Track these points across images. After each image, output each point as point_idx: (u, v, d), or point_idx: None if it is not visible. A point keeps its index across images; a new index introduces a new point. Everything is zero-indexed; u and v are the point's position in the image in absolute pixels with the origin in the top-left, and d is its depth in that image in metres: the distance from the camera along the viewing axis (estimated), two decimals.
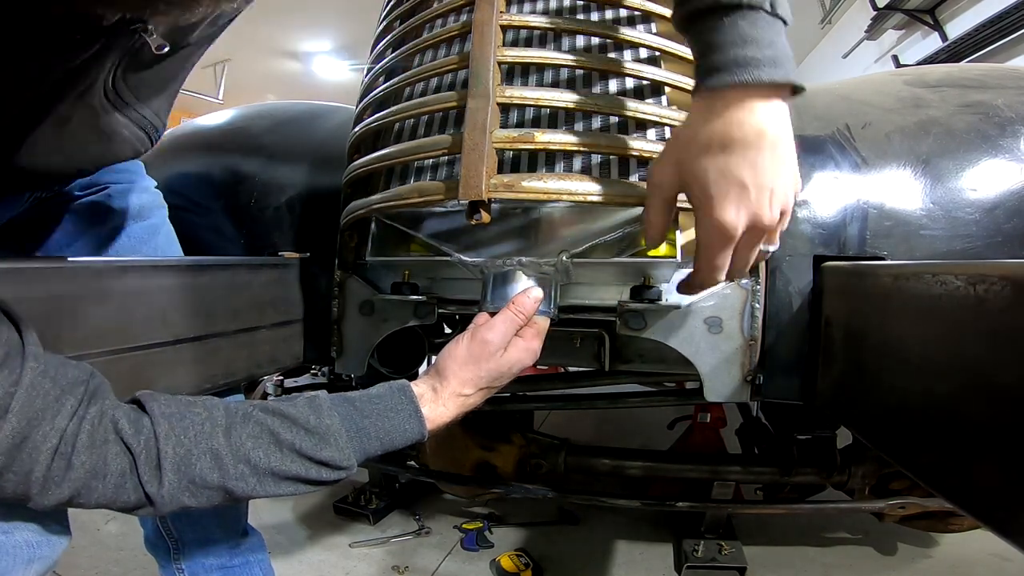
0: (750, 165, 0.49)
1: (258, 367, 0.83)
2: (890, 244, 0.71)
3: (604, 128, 0.66)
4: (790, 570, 1.32)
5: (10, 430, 0.41)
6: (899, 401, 0.49)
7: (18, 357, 0.43)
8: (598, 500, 1.25)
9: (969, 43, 3.22)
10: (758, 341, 0.73)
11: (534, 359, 0.65)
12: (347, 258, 0.88)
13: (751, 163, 0.49)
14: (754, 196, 0.50)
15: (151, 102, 0.65)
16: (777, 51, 0.48)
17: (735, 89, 0.49)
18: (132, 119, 0.65)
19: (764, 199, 0.50)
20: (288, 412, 0.53)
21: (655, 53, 0.68)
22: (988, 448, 0.37)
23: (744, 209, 0.51)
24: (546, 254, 0.69)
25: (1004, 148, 0.73)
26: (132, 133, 0.66)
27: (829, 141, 0.78)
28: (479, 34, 0.64)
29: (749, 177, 0.50)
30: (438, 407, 0.59)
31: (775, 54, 0.48)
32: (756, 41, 0.48)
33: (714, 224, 0.52)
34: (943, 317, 0.43)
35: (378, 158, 0.72)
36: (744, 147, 0.49)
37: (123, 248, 0.78)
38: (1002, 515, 0.36)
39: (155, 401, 0.50)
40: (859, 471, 1.17)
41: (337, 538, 1.45)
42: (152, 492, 0.47)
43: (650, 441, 1.86)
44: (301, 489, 0.54)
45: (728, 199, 0.51)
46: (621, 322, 0.75)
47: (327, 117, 1.12)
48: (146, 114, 0.66)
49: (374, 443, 0.56)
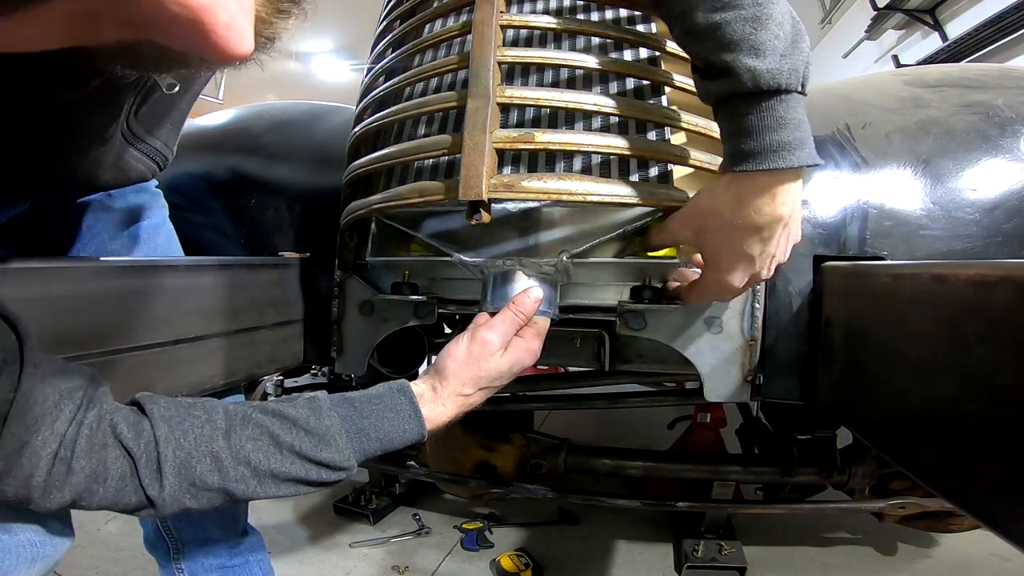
0: (762, 242, 0.55)
1: (258, 367, 0.83)
2: (890, 244, 0.71)
3: (604, 128, 0.66)
4: (790, 570, 1.32)
5: (10, 436, 0.41)
6: (899, 401, 0.49)
7: (16, 363, 0.43)
8: (598, 500, 1.25)
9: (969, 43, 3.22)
10: (758, 341, 0.73)
11: (534, 359, 0.65)
12: (347, 258, 0.88)
13: (764, 241, 0.55)
14: (759, 265, 0.57)
15: (161, 133, 0.67)
16: (803, 131, 0.50)
17: (764, 175, 0.51)
18: (145, 152, 0.67)
19: (767, 265, 0.57)
20: (288, 413, 0.53)
21: (655, 53, 0.68)
22: (988, 448, 0.37)
23: (749, 274, 0.58)
24: (546, 254, 0.69)
25: (1004, 148, 0.73)
26: (146, 166, 0.69)
27: (829, 141, 0.78)
28: (479, 34, 0.64)
29: (759, 251, 0.55)
30: (438, 407, 0.59)
31: (802, 135, 0.50)
32: (787, 124, 0.50)
33: (719, 282, 0.59)
34: (943, 317, 0.43)
35: (378, 158, 0.72)
36: (762, 229, 0.54)
37: (124, 248, 0.78)
38: (1002, 515, 0.36)
39: (154, 404, 0.50)
40: (859, 471, 1.17)
41: (337, 538, 1.45)
42: (153, 495, 0.48)
43: (650, 441, 1.86)
44: (301, 490, 0.54)
45: (737, 269, 0.57)
46: (621, 322, 0.75)
47: (327, 117, 1.12)
48: (157, 145, 0.68)
49: (374, 443, 0.56)
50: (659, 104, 0.66)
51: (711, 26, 0.50)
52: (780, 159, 0.50)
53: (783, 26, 0.49)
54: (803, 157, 0.50)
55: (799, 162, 0.50)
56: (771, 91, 0.49)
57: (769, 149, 0.50)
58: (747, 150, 0.51)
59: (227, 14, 0.29)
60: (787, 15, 0.50)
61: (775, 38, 0.48)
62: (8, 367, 0.42)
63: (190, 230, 0.91)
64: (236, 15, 0.29)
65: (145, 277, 0.64)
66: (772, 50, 0.48)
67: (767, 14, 0.48)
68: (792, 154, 0.50)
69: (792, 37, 0.49)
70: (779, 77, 0.48)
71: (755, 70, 0.48)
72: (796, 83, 0.49)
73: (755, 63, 0.48)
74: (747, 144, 0.51)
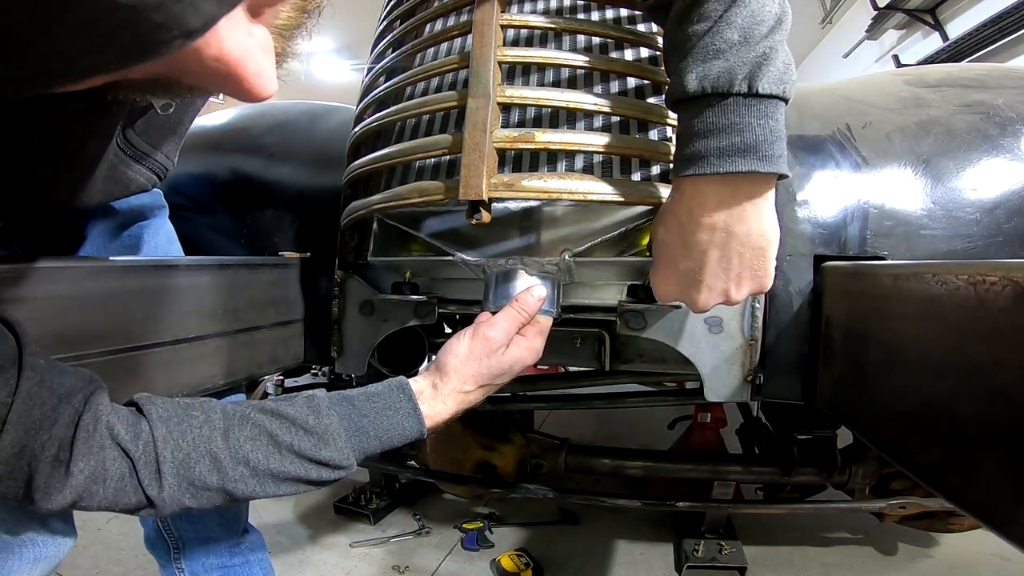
0: (689, 257, 0.53)
1: (258, 367, 0.83)
2: (890, 244, 0.71)
3: (605, 127, 0.66)
4: (790, 570, 1.32)
5: (8, 440, 0.42)
6: (899, 401, 0.49)
7: (14, 367, 0.43)
8: (598, 500, 1.25)
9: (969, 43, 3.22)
10: (758, 341, 0.73)
11: (536, 358, 0.65)
12: (347, 258, 0.88)
13: (691, 255, 0.52)
14: (699, 282, 0.53)
15: (162, 146, 0.67)
16: (746, 138, 0.46)
17: (688, 181, 0.50)
18: (145, 165, 0.67)
19: (715, 298, 0.54)
20: (286, 412, 0.53)
21: (655, 52, 0.68)
22: (988, 448, 0.37)
23: (692, 288, 0.55)
24: (548, 253, 0.69)
25: (1004, 148, 0.73)
26: (146, 177, 0.69)
27: (829, 141, 0.78)
28: (479, 33, 0.64)
29: (688, 265, 0.53)
30: (438, 404, 0.59)
31: (729, 142, 0.46)
32: (723, 130, 0.46)
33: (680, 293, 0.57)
34: (943, 317, 0.43)
35: (378, 158, 0.72)
36: (689, 243, 0.52)
37: (124, 248, 0.78)
38: (1002, 515, 0.36)
39: (152, 404, 0.50)
40: (859, 471, 1.17)
41: (337, 538, 1.45)
42: (153, 495, 0.48)
43: (650, 441, 1.87)
44: (301, 489, 0.54)
45: (672, 280, 0.56)
46: (621, 322, 0.75)
47: (327, 117, 1.12)
48: (158, 158, 0.68)
49: (373, 442, 0.56)
50: (659, 103, 0.66)
51: (682, 36, 0.49)
52: (697, 166, 0.48)
53: (735, 27, 0.46)
54: (719, 164, 0.46)
55: (711, 169, 0.47)
56: (698, 96, 0.47)
57: (694, 156, 0.48)
58: (678, 156, 0.50)
59: (256, 64, 0.31)
60: (751, 15, 0.46)
61: (723, 41, 0.46)
62: (7, 371, 0.42)
63: (190, 230, 0.91)
64: (264, 64, 0.32)
65: (145, 277, 0.65)
66: (712, 52, 0.46)
67: (726, 17, 0.46)
68: (706, 162, 0.47)
69: (743, 36, 0.45)
70: (704, 81, 0.46)
71: (683, 74, 0.47)
72: (724, 86, 0.46)
73: (687, 66, 0.47)
74: (676, 151, 0.51)
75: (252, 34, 0.31)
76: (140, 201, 0.82)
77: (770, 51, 0.46)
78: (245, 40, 0.30)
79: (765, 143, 0.46)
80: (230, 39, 0.29)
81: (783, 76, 0.46)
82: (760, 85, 0.45)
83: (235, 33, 0.29)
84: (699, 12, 0.47)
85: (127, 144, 0.62)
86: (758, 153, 0.46)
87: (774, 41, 0.46)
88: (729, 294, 0.54)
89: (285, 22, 0.36)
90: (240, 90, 0.32)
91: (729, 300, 0.54)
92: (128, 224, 0.80)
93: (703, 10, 0.47)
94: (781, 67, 0.46)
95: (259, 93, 0.32)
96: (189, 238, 0.89)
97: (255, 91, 0.32)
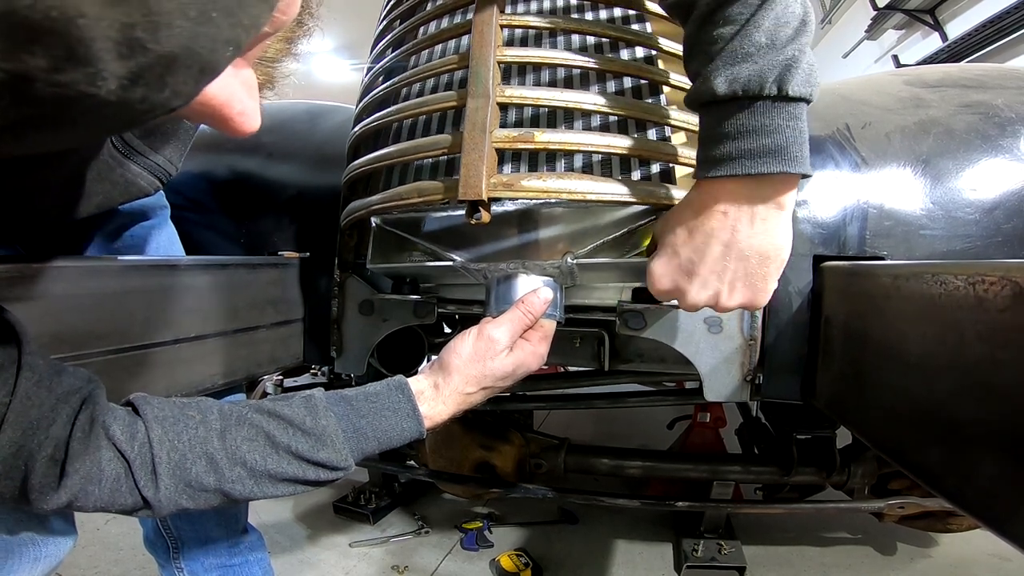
0: (698, 258, 0.53)
1: (258, 367, 0.83)
2: (890, 244, 0.71)
3: (604, 127, 0.66)
4: (790, 570, 1.32)
5: (6, 440, 0.42)
6: (898, 401, 0.49)
7: (12, 367, 0.43)
8: (598, 500, 1.25)
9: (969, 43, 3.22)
10: (758, 341, 0.73)
11: (540, 363, 0.64)
12: (347, 258, 0.88)
13: (699, 257, 0.53)
14: (694, 289, 0.54)
15: (163, 150, 0.67)
16: (776, 140, 0.47)
17: (708, 184, 0.51)
18: (145, 167, 0.67)
19: (705, 295, 0.54)
20: (283, 413, 0.53)
21: (653, 52, 0.68)
22: (987, 448, 0.37)
23: (687, 287, 0.56)
24: (548, 253, 0.68)
25: (1004, 148, 0.73)
26: (147, 181, 0.69)
27: (829, 141, 0.78)
28: (479, 33, 0.64)
29: (692, 263, 0.54)
30: (438, 404, 0.59)
31: (751, 145, 0.47)
32: (753, 132, 0.47)
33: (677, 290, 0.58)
34: (943, 317, 0.43)
35: (378, 158, 0.72)
36: (699, 245, 0.53)
37: (124, 248, 0.78)
38: (1001, 515, 0.36)
39: (148, 405, 0.50)
40: (859, 471, 1.17)
41: (337, 538, 1.45)
42: (149, 496, 0.48)
43: (649, 441, 1.86)
44: (299, 489, 0.54)
45: (692, 288, 0.56)
46: (621, 322, 0.75)
47: (327, 117, 1.12)
48: (159, 161, 0.68)
49: (371, 442, 0.56)
50: (659, 103, 0.66)
51: (707, 39, 0.49)
52: (728, 167, 0.48)
53: (762, 30, 0.46)
54: (751, 166, 0.47)
55: (743, 170, 0.48)
56: (728, 99, 0.47)
57: (724, 158, 0.49)
58: (698, 157, 0.52)
59: (240, 104, 0.33)
60: (776, 18, 0.46)
61: (751, 44, 0.46)
62: (5, 370, 0.42)
63: (190, 230, 0.91)
64: (247, 103, 0.34)
65: (145, 276, 0.64)
66: (741, 56, 0.46)
67: (753, 20, 0.46)
68: (738, 163, 0.48)
69: (770, 39, 0.46)
70: (735, 84, 0.47)
71: (711, 76, 0.48)
72: (755, 89, 0.46)
73: (715, 68, 0.48)
74: (700, 152, 0.52)
75: (237, 74, 0.33)
76: (142, 202, 0.82)
77: (798, 54, 0.46)
78: (230, 83, 0.32)
79: (794, 144, 0.47)
80: (215, 84, 0.29)
81: (809, 78, 0.47)
82: (790, 88, 0.46)
83: (221, 77, 0.30)
84: (724, 15, 0.47)
85: (120, 141, 0.61)
86: (788, 154, 0.47)
87: (801, 43, 0.47)
88: (720, 297, 0.54)
89: (272, 55, 0.37)
90: (225, 128, 0.34)
91: (719, 305, 0.55)
92: (130, 224, 0.80)
93: (728, 13, 0.47)
94: (807, 69, 0.47)
95: (243, 131, 0.34)
96: (189, 238, 0.89)
97: (240, 130, 0.34)
